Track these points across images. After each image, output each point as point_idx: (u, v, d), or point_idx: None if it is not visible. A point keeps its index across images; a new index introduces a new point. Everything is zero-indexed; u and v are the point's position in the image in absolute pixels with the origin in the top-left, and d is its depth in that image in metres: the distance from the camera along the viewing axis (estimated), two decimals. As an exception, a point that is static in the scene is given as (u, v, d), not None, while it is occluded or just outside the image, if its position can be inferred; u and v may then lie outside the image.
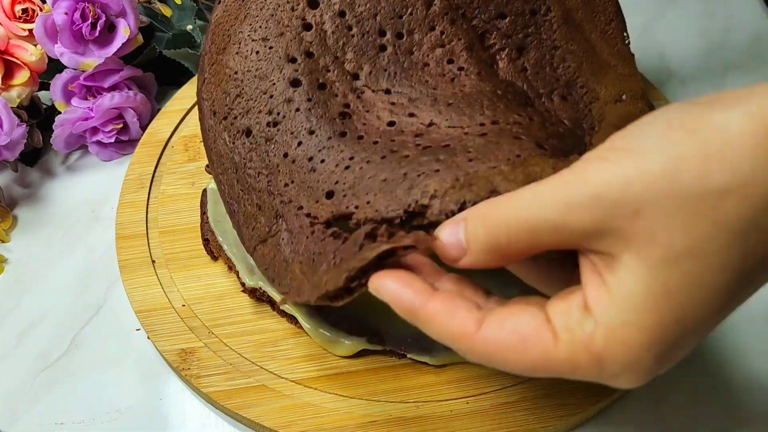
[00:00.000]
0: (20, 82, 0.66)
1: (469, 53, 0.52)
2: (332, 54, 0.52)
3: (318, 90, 0.51)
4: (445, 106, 0.49)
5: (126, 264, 0.60)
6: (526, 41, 0.54)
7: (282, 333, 0.56)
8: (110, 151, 0.70)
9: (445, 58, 0.52)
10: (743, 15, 0.80)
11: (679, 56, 0.76)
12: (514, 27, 0.54)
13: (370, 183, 0.45)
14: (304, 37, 0.52)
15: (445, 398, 0.52)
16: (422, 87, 0.51)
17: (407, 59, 0.52)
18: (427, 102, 0.50)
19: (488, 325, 0.36)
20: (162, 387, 0.55)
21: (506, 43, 0.54)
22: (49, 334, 0.58)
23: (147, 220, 0.62)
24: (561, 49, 0.54)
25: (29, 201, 0.67)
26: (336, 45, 0.52)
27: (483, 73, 0.51)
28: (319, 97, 0.50)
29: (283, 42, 0.51)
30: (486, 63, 0.52)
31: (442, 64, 0.52)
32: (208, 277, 0.59)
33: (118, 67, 0.68)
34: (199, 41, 0.75)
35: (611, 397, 0.52)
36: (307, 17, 0.52)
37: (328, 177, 0.47)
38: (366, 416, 0.51)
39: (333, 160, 0.48)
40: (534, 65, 0.53)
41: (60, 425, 0.54)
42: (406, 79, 0.52)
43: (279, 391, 0.53)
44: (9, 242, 0.64)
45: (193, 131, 0.69)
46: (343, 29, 0.52)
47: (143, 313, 0.57)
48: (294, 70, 0.51)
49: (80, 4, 0.65)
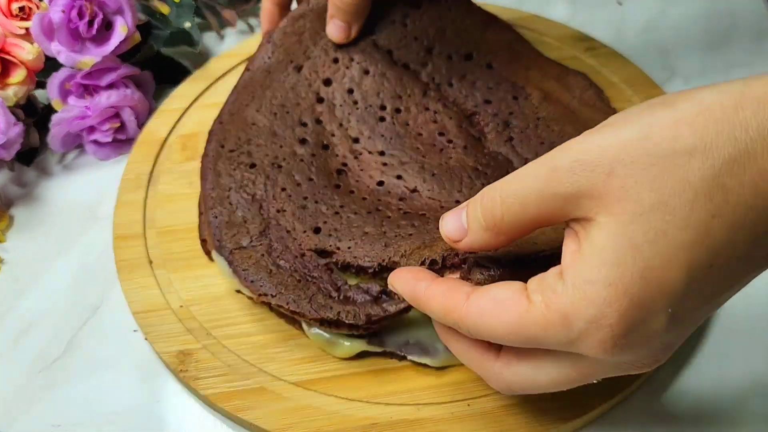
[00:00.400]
0: (17, 81, 0.65)
1: (459, 129, 0.61)
2: (338, 121, 0.61)
3: (322, 149, 0.59)
4: (430, 176, 0.57)
5: (123, 264, 0.59)
6: (510, 117, 0.62)
7: (281, 335, 0.55)
8: (107, 150, 0.69)
9: (437, 131, 0.61)
10: (746, 13, 0.80)
11: (682, 54, 0.76)
12: (499, 108, 0.63)
13: (354, 231, 0.53)
14: (316, 108, 0.62)
15: (446, 400, 0.52)
16: (413, 153, 0.59)
17: (403, 129, 0.61)
18: (415, 167, 0.58)
19: (474, 296, 0.40)
20: (160, 389, 0.55)
21: (493, 119, 0.62)
22: (46, 336, 0.58)
23: (144, 220, 0.62)
24: (543, 118, 0.61)
25: (26, 200, 0.66)
26: (342, 115, 0.61)
27: (469, 147, 0.59)
28: (322, 154, 0.59)
29: (298, 110, 0.61)
30: (473, 137, 0.61)
31: (434, 135, 0.60)
32: (207, 277, 0.58)
33: (116, 65, 0.68)
34: (197, 39, 0.74)
35: (613, 399, 0.51)
36: (320, 92, 0.62)
37: (319, 216, 0.55)
38: (366, 419, 0.51)
39: (325, 204, 0.56)
40: (519, 134, 0.61)
41: (57, 427, 0.53)
42: (399, 144, 0.60)
43: (278, 394, 0.52)
44: (5, 242, 0.64)
45: (191, 130, 0.68)
46: (350, 103, 0.62)
47: (141, 314, 0.56)
48: (303, 132, 0.60)
49: (77, 1, 0.64)
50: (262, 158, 0.59)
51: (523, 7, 0.79)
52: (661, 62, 0.75)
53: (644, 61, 0.75)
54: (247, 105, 0.62)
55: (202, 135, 0.67)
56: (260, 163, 0.59)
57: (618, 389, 0.52)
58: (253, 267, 0.53)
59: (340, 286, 0.52)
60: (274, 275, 0.53)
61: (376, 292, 0.52)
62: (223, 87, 0.71)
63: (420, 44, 0.64)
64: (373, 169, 0.58)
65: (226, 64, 0.73)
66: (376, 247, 0.52)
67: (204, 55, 0.77)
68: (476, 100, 0.63)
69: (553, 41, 0.74)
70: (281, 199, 0.56)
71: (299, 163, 0.58)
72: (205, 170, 0.59)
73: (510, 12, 0.76)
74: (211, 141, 0.61)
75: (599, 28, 0.79)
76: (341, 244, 0.53)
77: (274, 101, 0.62)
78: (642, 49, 0.77)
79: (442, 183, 0.57)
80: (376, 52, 0.64)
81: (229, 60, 0.74)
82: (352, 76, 0.63)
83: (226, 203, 0.57)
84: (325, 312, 0.51)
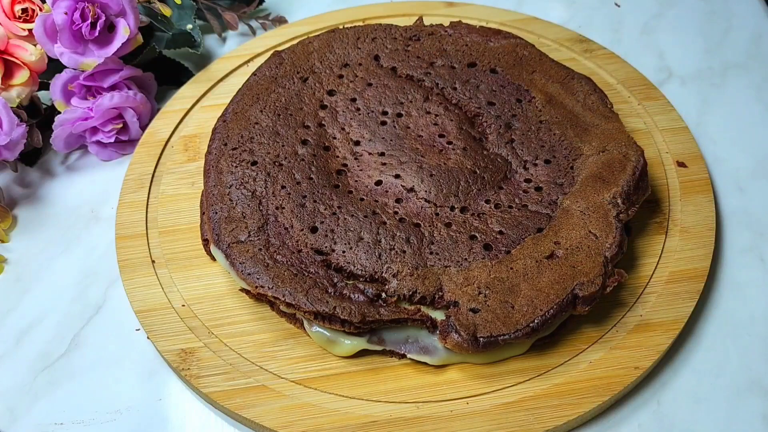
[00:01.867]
0: (20, 82, 0.66)
1: (459, 131, 0.62)
2: (340, 126, 0.62)
3: (323, 150, 0.61)
4: (428, 176, 0.59)
5: (126, 264, 0.60)
6: (513, 119, 0.63)
7: (282, 333, 0.56)
8: (110, 151, 0.69)
9: (437, 133, 0.62)
10: (743, 14, 0.80)
11: (679, 55, 0.76)
12: (502, 110, 0.63)
13: (349, 236, 0.55)
14: (319, 113, 0.63)
15: (445, 398, 0.52)
16: (412, 153, 0.61)
17: (404, 131, 0.62)
18: (414, 167, 0.59)
19: None
20: (162, 387, 0.55)
21: (496, 120, 0.63)
22: (48, 334, 0.58)
23: (147, 220, 0.62)
24: (546, 121, 0.62)
25: (29, 201, 0.67)
26: (344, 120, 0.63)
27: (468, 149, 0.61)
28: (323, 155, 0.60)
29: (302, 114, 0.63)
30: (474, 138, 0.62)
31: (434, 137, 0.62)
32: (208, 277, 0.59)
33: (118, 66, 0.68)
34: (198, 41, 0.75)
35: (610, 398, 0.52)
36: (324, 101, 0.64)
37: (317, 215, 0.56)
38: (366, 416, 0.51)
39: (323, 204, 0.57)
40: (521, 136, 0.62)
41: (60, 425, 0.54)
42: (399, 144, 0.61)
43: (279, 391, 0.53)
44: (9, 242, 0.64)
45: (193, 131, 0.69)
46: (353, 109, 0.63)
47: (143, 313, 0.57)
48: (305, 134, 0.62)
49: (80, 3, 0.65)
50: (264, 156, 0.60)
51: (522, 9, 0.79)
52: (658, 64, 0.76)
53: (641, 63, 0.75)
54: (251, 105, 0.63)
55: (204, 136, 0.68)
56: (262, 160, 0.60)
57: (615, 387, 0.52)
58: (251, 260, 0.54)
59: (336, 283, 0.53)
60: (271, 269, 0.54)
61: (371, 294, 0.53)
62: (225, 89, 0.72)
63: (422, 60, 0.67)
64: (372, 169, 0.60)
65: (227, 65, 0.74)
66: (370, 258, 0.54)
67: (205, 57, 0.78)
68: (480, 101, 0.64)
69: (552, 43, 0.74)
70: (281, 196, 0.57)
71: (300, 163, 0.59)
72: (208, 167, 0.60)
73: (509, 14, 0.77)
74: (215, 139, 0.62)
75: (597, 30, 0.79)
76: (336, 246, 0.55)
77: (278, 103, 0.63)
78: (639, 51, 0.77)
79: (439, 185, 0.58)
80: (379, 69, 0.66)
81: (230, 62, 0.74)
82: (356, 87, 0.65)
83: (227, 199, 0.58)
84: (321, 306, 0.52)
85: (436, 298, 0.52)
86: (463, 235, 0.55)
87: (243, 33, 0.80)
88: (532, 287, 0.52)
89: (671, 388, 0.54)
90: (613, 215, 0.56)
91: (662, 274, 0.58)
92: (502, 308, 0.51)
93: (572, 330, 0.55)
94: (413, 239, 0.55)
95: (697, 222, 0.61)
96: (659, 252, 0.59)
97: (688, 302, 0.56)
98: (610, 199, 0.56)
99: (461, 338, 0.50)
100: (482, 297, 0.52)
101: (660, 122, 0.68)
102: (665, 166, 0.65)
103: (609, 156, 0.59)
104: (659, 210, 0.62)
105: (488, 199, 0.58)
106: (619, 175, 0.57)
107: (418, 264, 0.54)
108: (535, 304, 0.51)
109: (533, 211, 0.57)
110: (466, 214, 0.57)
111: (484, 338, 0.50)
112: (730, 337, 0.57)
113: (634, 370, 0.53)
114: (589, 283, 0.52)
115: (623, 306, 0.56)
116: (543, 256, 0.54)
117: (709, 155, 0.68)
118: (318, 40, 0.68)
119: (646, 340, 0.54)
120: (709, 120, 0.71)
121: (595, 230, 0.55)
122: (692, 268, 0.58)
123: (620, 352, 0.54)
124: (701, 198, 0.62)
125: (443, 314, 0.52)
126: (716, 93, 0.73)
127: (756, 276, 0.60)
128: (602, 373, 0.53)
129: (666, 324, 0.55)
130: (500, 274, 0.53)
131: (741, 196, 0.65)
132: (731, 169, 0.67)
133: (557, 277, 0.53)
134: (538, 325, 0.51)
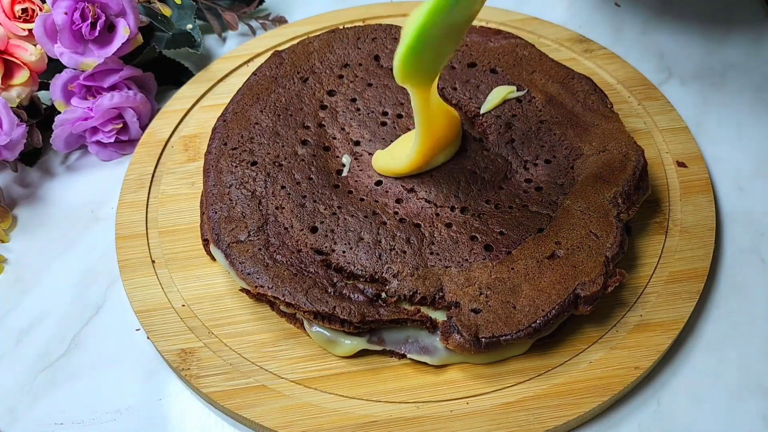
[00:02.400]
0: (20, 82, 0.66)
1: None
2: (340, 126, 0.63)
3: (323, 150, 0.61)
4: (428, 176, 0.59)
5: (126, 264, 0.60)
6: (513, 119, 0.63)
7: (282, 333, 0.56)
8: (110, 151, 0.70)
9: None
10: (743, 15, 0.80)
11: (679, 55, 0.76)
12: (502, 110, 0.63)
13: (349, 236, 0.55)
14: (319, 113, 0.63)
15: (445, 398, 0.52)
16: None
17: (405, 132, 0.62)
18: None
19: None
20: (162, 387, 0.55)
21: (496, 120, 0.63)
22: (48, 334, 0.58)
23: (147, 220, 0.62)
24: (546, 121, 0.62)
25: (29, 201, 0.67)
26: (345, 120, 0.63)
27: (468, 150, 0.61)
28: (323, 155, 0.61)
29: (302, 114, 0.63)
30: (474, 138, 0.62)
31: None
32: (208, 277, 0.59)
33: (118, 66, 0.68)
34: (198, 41, 0.75)
35: (610, 398, 0.52)
36: (324, 101, 0.64)
37: (316, 215, 0.57)
38: (366, 416, 0.51)
39: (323, 204, 0.57)
40: (521, 136, 0.62)
41: (60, 425, 0.54)
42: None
43: (279, 392, 0.53)
44: (9, 242, 0.64)
45: (193, 131, 0.69)
46: (353, 110, 0.64)
47: (143, 313, 0.57)
48: (305, 134, 0.62)
49: (80, 3, 0.65)
50: (264, 156, 0.60)
51: (522, 9, 0.79)
52: (658, 64, 0.76)
53: (641, 63, 0.75)
54: (251, 105, 0.63)
55: (204, 136, 0.68)
56: (261, 160, 0.60)
57: (615, 387, 0.52)
58: (250, 260, 0.54)
59: (336, 282, 0.53)
60: (271, 268, 0.54)
61: (371, 295, 0.53)
62: (225, 89, 0.72)
63: None
64: (372, 169, 0.60)
65: (227, 65, 0.74)
66: (370, 258, 0.54)
67: (205, 57, 0.78)
68: (480, 102, 0.64)
69: (552, 43, 0.74)
70: (281, 196, 0.58)
71: (300, 163, 0.60)
72: (208, 167, 0.60)
73: (509, 14, 0.77)
74: (215, 138, 0.62)
75: (597, 30, 0.79)
76: (336, 246, 0.55)
77: (278, 103, 0.64)
78: (639, 51, 0.77)
79: (439, 185, 0.58)
80: (379, 69, 0.66)
81: (230, 62, 0.74)
82: (356, 87, 0.65)
83: (226, 199, 0.58)
84: (321, 305, 0.52)
85: (436, 298, 0.52)
86: (464, 236, 0.55)
87: (243, 33, 0.80)
88: (533, 287, 0.52)
89: (671, 388, 0.54)
90: (614, 215, 0.56)
91: (662, 274, 0.58)
92: (503, 308, 0.51)
93: (572, 330, 0.55)
94: (413, 239, 0.55)
95: (697, 222, 0.61)
96: (659, 252, 0.59)
97: (688, 302, 0.56)
98: (610, 198, 0.56)
99: (463, 339, 0.50)
100: (483, 297, 0.52)
101: (660, 122, 0.68)
102: (665, 166, 0.65)
103: (609, 156, 0.59)
104: (659, 210, 0.62)
105: (488, 199, 0.58)
106: (619, 175, 0.58)
107: (418, 264, 0.54)
108: (536, 304, 0.51)
109: (534, 212, 0.57)
110: (466, 214, 0.57)
111: (486, 339, 0.50)
112: (730, 337, 0.57)
113: (634, 370, 0.53)
114: (590, 283, 0.52)
115: (623, 306, 0.56)
116: (544, 256, 0.54)
117: (709, 155, 0.68)
118: (318, 40, 0.68)
119: (646, 340, 0.54)
120: (709, 120, 0.71)
121: (596, 230, 0.55)
122: (692, 268, 0.58)
123: (620, 352, 0.54)
124: (701, 198, 0.62)
125: (444, 315, 0.52)
126: (716, 93, 0.73)
127: (756, 276, 0.60)
128: (602, 373, 0.53)
129: (666, 324, 0.55)
130: (501, 275, 0.53)
131: (741, 196, 0.65)
132: (731, 169, 0.67)
133: (558, 277, 0.53)
134: (540, 325, 0.51)
